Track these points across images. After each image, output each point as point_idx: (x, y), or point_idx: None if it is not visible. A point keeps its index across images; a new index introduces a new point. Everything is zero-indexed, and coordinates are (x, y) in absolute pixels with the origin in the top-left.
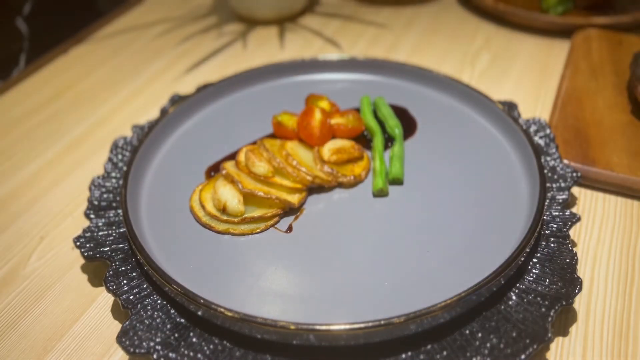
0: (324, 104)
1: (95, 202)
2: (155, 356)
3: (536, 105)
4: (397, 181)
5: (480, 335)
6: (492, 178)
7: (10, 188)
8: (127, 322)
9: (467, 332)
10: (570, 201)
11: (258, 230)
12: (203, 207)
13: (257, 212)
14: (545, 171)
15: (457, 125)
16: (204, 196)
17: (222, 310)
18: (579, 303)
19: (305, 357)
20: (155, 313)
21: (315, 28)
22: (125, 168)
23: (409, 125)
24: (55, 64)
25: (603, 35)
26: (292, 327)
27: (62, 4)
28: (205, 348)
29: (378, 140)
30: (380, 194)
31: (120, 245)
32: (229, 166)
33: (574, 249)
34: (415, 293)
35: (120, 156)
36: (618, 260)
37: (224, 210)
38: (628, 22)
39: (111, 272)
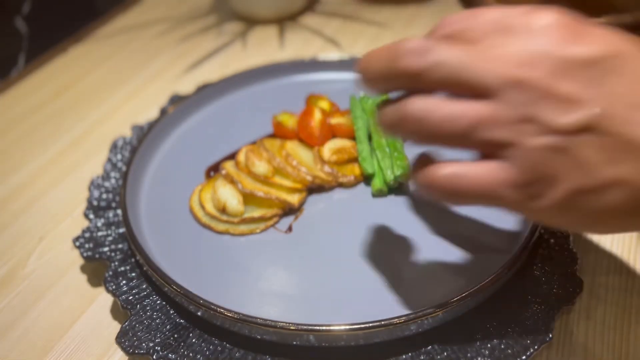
0: (324, 104)
1: (95, 203)
2: (154, 357)
3: None
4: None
5: (480, 335)
6: None
7: (9, 188)
8: (126, 323)
9: (468, 332)
10: None
11: (258, 231)
12: (203, 207)
13: (257, 212)
14: None
15: None
16: (204, 196)
17: (222, 310)
18: (580, 303)
19: (305, 358)
20: (155, 314)
21: (315, 27)
22: (124, 168)
23: None
24: (54, 63)
25: None
26: (292, 327)
27: (62, 3)
28: (205, 349)
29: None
30: (379, 194)
31: (120, 246)
32: (229, 166)
33: (575, 248)
34: (415, 293)
35: (119, 156)
36: (619, 259)
37: (223, 210)
38: (629, 21)
39: (110, 273)
